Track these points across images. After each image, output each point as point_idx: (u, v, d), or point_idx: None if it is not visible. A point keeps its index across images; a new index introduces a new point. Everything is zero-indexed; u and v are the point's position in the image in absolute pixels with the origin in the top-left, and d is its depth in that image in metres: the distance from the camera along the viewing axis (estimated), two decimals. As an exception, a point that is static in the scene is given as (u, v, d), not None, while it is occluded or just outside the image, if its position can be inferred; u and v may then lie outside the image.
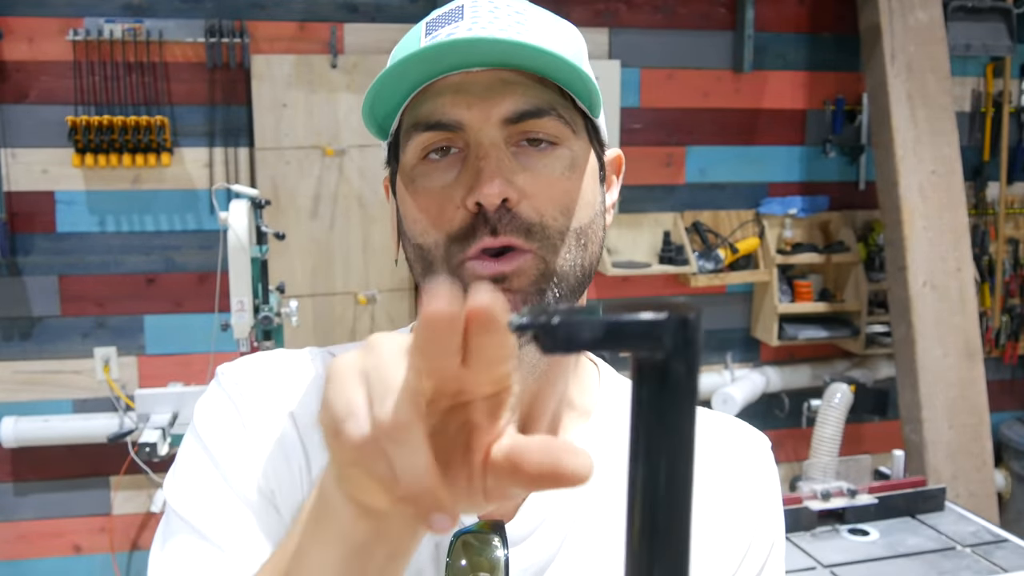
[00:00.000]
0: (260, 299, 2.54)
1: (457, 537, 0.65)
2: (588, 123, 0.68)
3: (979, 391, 3.24)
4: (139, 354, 3.24)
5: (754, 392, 3.55)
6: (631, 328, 0.29)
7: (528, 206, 0.63)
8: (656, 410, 0.30)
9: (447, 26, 0.64)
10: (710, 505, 0.72)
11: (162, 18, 3.10)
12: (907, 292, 3.19)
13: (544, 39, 0.64)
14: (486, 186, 0.61)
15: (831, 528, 2.36)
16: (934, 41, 3.27)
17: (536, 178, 0.63)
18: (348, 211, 3.27)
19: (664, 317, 0.29)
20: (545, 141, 0.64)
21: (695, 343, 0.29)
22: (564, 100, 0.65)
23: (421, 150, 0.65)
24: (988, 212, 3.80)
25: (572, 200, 0.64)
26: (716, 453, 0.75)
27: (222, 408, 0.70)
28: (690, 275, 3.43)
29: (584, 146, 0.67)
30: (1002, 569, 2.17)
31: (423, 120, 0.64)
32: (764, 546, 0.74)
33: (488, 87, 0.62)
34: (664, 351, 0.29)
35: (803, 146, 3.66)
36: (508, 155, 0.63)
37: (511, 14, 0.64)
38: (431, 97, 0.63)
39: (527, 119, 0.63)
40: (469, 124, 0.62)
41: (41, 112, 3.07)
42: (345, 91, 3.22)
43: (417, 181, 0.65)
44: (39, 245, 3.14)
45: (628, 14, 3.43)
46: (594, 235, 0.67)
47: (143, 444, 2.67)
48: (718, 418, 0.79)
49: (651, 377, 0.29)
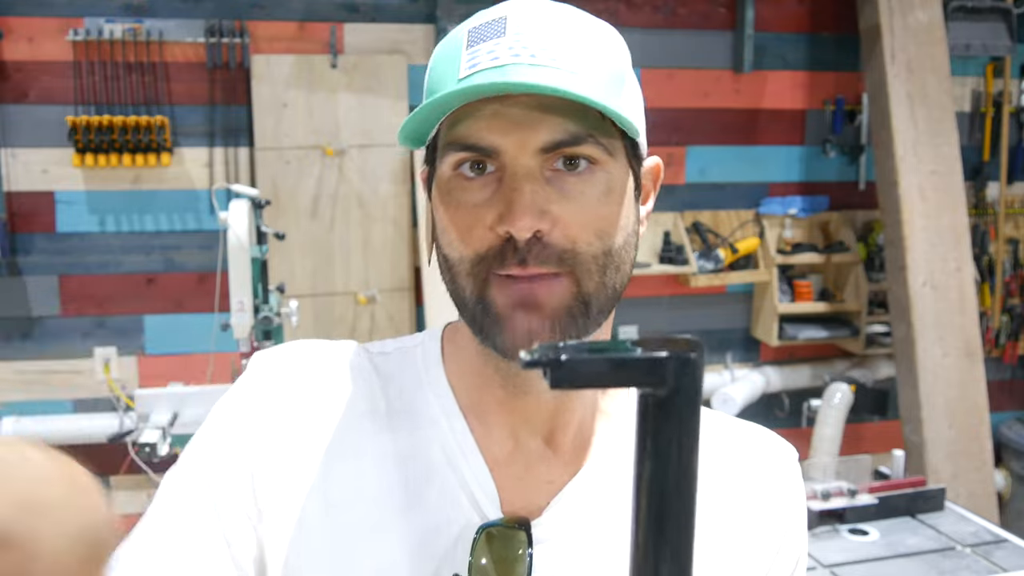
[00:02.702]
0: (260, 299, 2.53)
1: (481, 532, 0.65)
2: (627, 142, 0.67)
3: (979, 391, 3.24)
4: (139, 354, 3.24)
5: (754, 392, 3.55)
6: (635, 366, 0.31)
7: (560, 234, 0.62)
8: (657, 445, 0.31)
9: (488, 41, 0.63)
10: (734, 518, 0.71)
11: (162, 18, 3.10)
12: (907, 292, 3.19)
13: (586, 65, 0.62)
14: (518, 219, 0.60)
15: (831, 528, 2.36)
16: (934, 41, 3.27)
17: (570, 204, 0.63)
18: (348, 211, 3.27)
19: (666, 356, 0.31)
20: (582, 161, 0.63)
21: (696, 381, 0.31)
22: (602, 124, 0.64)
23: (457, 166, 0.64)
24: (988, 212, 3.80)
25: (606, 225, 0.64)
26: (742, 464, 0.74)
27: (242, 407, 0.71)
28: (690, 275, 3.43)
29: (622, 168, 0.66)
30: (1002, 569, 2.17)
31: (460, 141, 0.63)
32: (789, 562, 0.73)
33: (526, 113, 0.61)
34: (667, 388, 0.31)
35: (803, 146, 3.66)
36: (542, 183, 0.62)
37: (555, 30, 0.63)
38: (469, 118, 0.63)
39: (564, 147, 0.62)
40: (505, 150, 0.62)
41: (41, 112, 3.07)
42: (345, 91, 3.22)
43: (452, 195, 0.65)
44: (39, 245, 3.14)
45: (628, 14, 3.43)
46: (626, 255, 0.67)
47: (143, 444, 2.67)
48: (745, 428, 0.77)
49: (654, 413, 0.31)
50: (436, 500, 0.68)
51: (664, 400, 0.31)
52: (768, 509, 0.73)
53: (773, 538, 0.72)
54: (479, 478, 0.68)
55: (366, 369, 0.73)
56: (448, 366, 0.72)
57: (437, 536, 0.67)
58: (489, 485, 0.68)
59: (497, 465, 0.69)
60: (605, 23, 0.70)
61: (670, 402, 0.31)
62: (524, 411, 0.69)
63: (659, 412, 0.31)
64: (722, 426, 0.76)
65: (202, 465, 0.69)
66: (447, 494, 0.68)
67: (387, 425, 0.70)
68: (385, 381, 0.72)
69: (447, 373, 0.72)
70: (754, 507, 0.72)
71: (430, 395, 0.71)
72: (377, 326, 3.35)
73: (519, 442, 0.70)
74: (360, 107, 3.24)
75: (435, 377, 0.72)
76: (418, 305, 3.39)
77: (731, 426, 0.77)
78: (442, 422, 0.70)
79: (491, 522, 0.65)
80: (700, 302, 3.65)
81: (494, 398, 0.69)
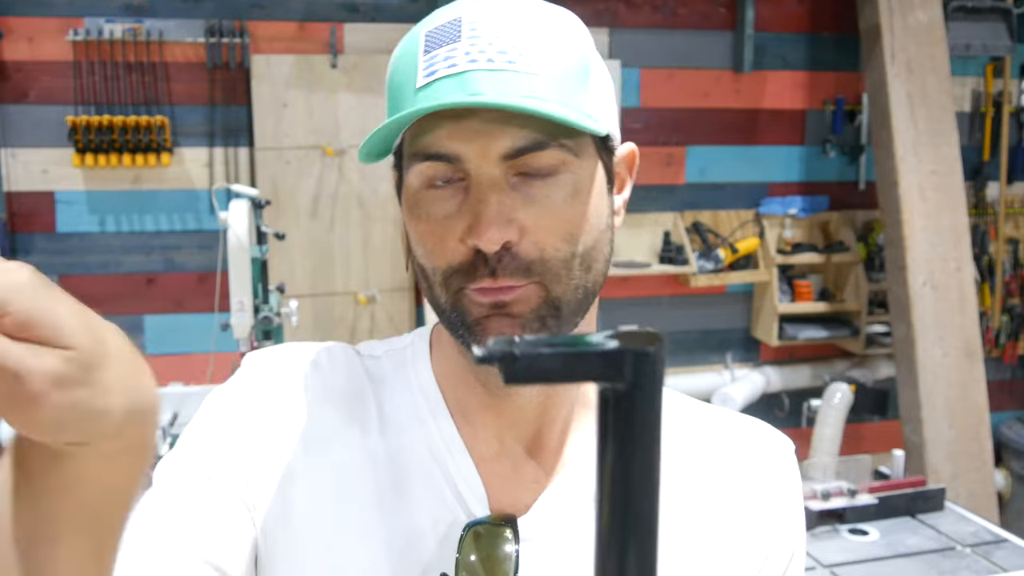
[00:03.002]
0: (260, 299, 2.53)
1: (468, 530, 0.65)
2: (595, 137, 0.67)
3: (979, 391, 3.24)
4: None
5: (754, 392, 3.55)
6: (591, 360, 0.30)
7: (529, 243, 0.62)
8: (617, 440, 0.31)
9: (444, 47, 0.63)
10: (729, 511, 0.71)
11: (162, 18, 3.11)
12: (907, 292, 3.19)
13: (546, 64, 0.62)
14: (484, 231, 0.61)
15: (831, 528, 2.36)
16: (934, 41, 3.27)
17: (538, 210, 0.63)
18: (348, 211, 3.27)
19: (623, 349, 0.30)
20: (548, 167, 0.63)
21: (655, 374, 0.30)
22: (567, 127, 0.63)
23: (422, 178, 0.64)
24: (988, 212, 3.80)
25: (573, 227, 0.64)
26: (737, 456, 0.74)
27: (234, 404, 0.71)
28: (690, 275, 3.44)
29: (590, 165, 0.66)
30: (1002, 569, 2.17)
31: (422, 151, 0.63)
32: (784, 556, 0.73)
33: (488, 120, 0.61)
34: (624, 382, 0.30)
35: (803, 146, 3.66)
36: (508, 191, 0.62)
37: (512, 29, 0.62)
38: (431, 126, 0.63)
39: (527, 153, 0.62)
40: (467, 157, 0.62)
41: (41, 112, 3.07)
42: (345, 91, 3.22)
43: (421, 206, 0.65)
44: (39, 245, 3.14)
45: (628, 14, 3.43)
46: (599, 254, 0.67)
47: (143, 444, 2.66)
48: (740, 420, 0.77)
49: (613, 408, 0.31)
50: (423, 498, 0.68)
51: (623, 394, 0.30)
52: (764, 502, 0.73)
53: (768, 531, 0.72)
54: (466, 476, 0.68)
55: (357, 372, 0.73)
56: (435, 367, 0.73)
57: (424, 534, 0.67)
58: (476, 483, 0.68)
59: (484, 463, 0.69)
60: (564, 10, 0.67)
61: (629, 396, 0.30)
62: (510, 414, 0.69)
63: (618, 407, 0.30)
64: (718, 419, 0.76)
65: (198, 453, 0.69)
66: (434, 492, 0.68)
67: (375, 427, 0.70)
68: (375, 384, 0.73)
69: (435, 374, 0.72)
70: (749, 500, 0.72)
71: (418, 396, 0.71)
72: (377, 326, 3.35)
73: (505, 444, 0.70)
74: (360, 107, 3.24)
75: (423, 378, 0.72)
76: (418, 305, 3.39)
77: (727, 419, 0.76)
78: (429, 422, 0.70)
79: (478, 520, 0.66)
80: (700, 302, 3.65)
81: (479, 400, 0.70)
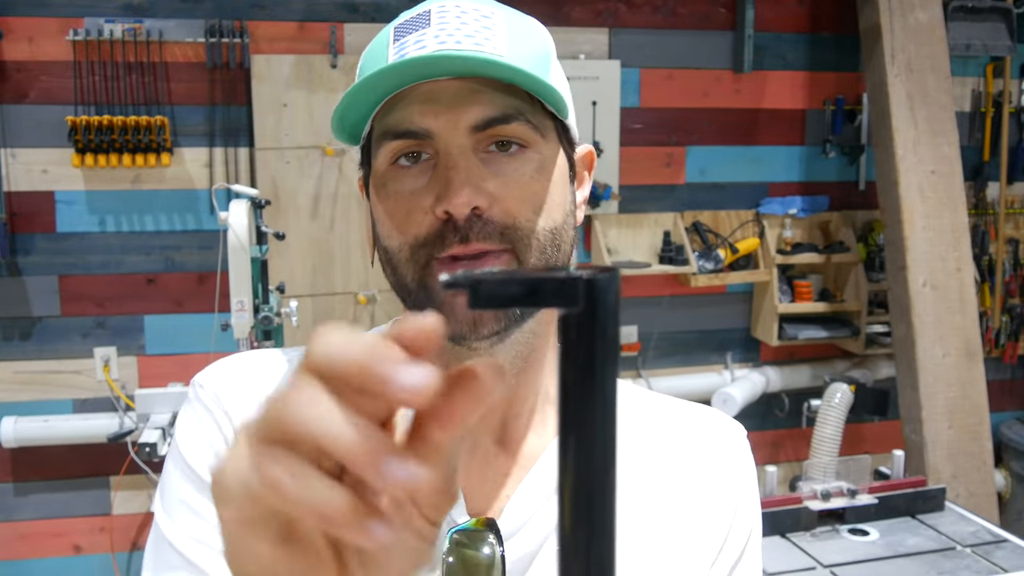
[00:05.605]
0: (260, 299, 2.54)
1: (449, 536, 0.65)
2: (558, 124, 0.69)
3: (979, 391, 3.24)
4: (139, 354, 3.24)
5: (754, 392, 3.55)
6: (547, 286, 0.33)
7: (500, 210, 0.64)
8: (575, 356, 0.33)
9: (414, 33, 0.65)
10: (687, 495, 0.73)
11: (162, 18, 3.10)
12: (907, 292, 3.19)
13: (511, 48, 0.64)
14: (455, 196, 0.61)
15: (831, 528, 2.36)
16: (934, 41, 3.27)
17: (506, 182, 0.64)
18: (348, 211, 3.27)
19: (577, 276, 0.33)
20: (514, 144, 0.65)
21: (608, 300, 0.33)
22: (532, 105, 0.65)
23: (392, 156, 0.65)
24: (988, 212, 3.80)
25: (542, 201, 0.65)
26: (692, 443, 0.76)
27: (202, 423, 0.71)
28: (690, 275, 3.43)
29: (553, 148, 0.68)
30: (1002, 569, 2.17)
31: (392, 129, 0.65)
32: (742, 536, 0.75)
33: (456, 96, 0.63)
34: (579, 307, 0.33)
35: (803, 146, 3.66)
36: (477, 162, 0.64)
37: (478, 18, 0.65)
38: (401, 106, 0.64)
39: (495, 125, 0.64)
40: (438, 132, 0.63)
41: (41, 112, 3.07)
42: (345, 91, 3.22)
43: (388, 186, 0.66)
44: (39, 245, 3.14)
45: (628, 14, 3.43)
46: (566, 235, 0.68)
47: (143, 444, 2.67)
48: (693, 408, 0.79)
49: (573, 328, 0.33)
50: None
51: (580, 317, 0.33)
52: (720, 486, 0.74)
53: (726, 513, 0.74)
54: None
55: None
56: None
57: None
58: None
59: None
60: (531, 17, 0.71)
61: (586, 318, 0.33)
62: None
63: (577, 328, 0.33)
64: (672, 409, 0.78)
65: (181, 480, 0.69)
66: None
67: None
68: None
69: None
70: (706, 484, 0.74)
71: None
72: (377, 326, 3.35)
73: (472, 440, 0.70)
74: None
75: None
76: (418, 305, 3.38)
77: (681, 408, 0.79)
78: None
79: (459, 526, 0.65)
80: (700, 302, 3.65)
81: None
